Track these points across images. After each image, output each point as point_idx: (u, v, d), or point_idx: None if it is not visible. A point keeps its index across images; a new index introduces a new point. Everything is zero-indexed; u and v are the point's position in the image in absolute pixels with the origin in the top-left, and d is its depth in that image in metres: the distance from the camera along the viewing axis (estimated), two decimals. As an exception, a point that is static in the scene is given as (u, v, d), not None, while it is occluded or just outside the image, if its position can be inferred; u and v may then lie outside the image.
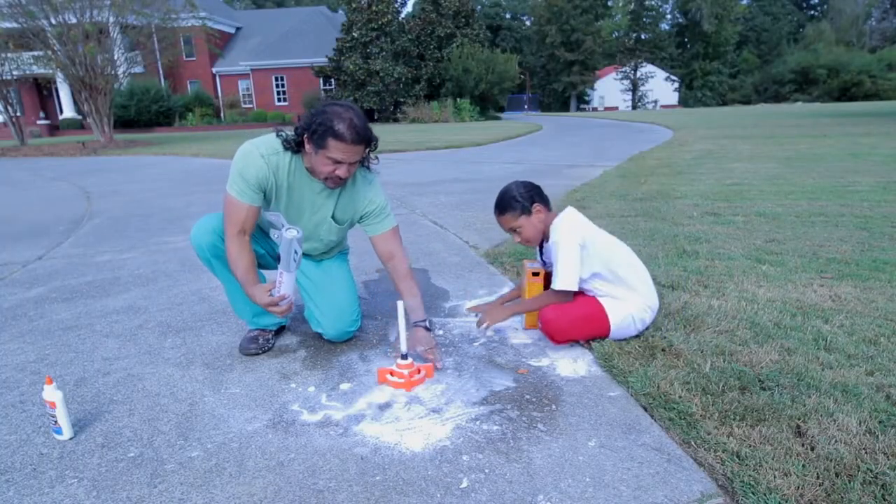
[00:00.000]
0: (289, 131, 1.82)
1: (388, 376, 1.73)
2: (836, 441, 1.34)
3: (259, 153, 1.79)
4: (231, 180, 1.81)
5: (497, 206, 1.98)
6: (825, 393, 1.55)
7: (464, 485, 1.27)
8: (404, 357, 1.72)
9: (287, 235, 1.70)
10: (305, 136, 1.74)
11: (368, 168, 1.94)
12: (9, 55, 14.93)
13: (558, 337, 1.91)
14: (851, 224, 3.53)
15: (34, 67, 15.70)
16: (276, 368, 1.90)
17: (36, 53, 15.09)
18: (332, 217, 1.96)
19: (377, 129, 2.03)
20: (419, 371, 1.75)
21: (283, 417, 1.58)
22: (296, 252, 1.73)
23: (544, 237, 2.01)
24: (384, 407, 1.62)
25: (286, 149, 1.81)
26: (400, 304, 1.75)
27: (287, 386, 1.77)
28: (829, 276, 2.55)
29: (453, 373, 1.82)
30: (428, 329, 1.92)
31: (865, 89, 45.25)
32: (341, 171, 1.76)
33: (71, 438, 1.49)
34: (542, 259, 2.11)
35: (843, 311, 2.13)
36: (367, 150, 1.81)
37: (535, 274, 2.06)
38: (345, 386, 1.75)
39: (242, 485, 1.29)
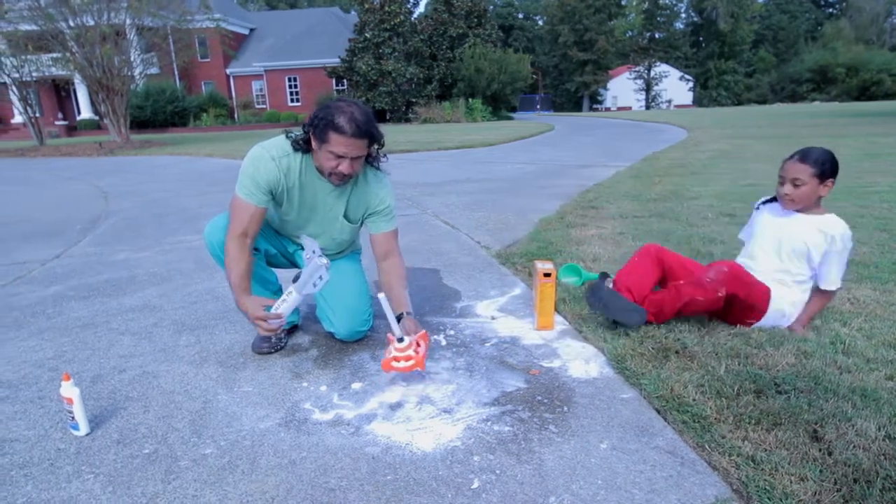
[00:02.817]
0: (298, 131, 1.84)
1: (394, 363, 1.68)
2: (854, 446, 1.31)
3: (270, 156, 1.81)
4: (240, 182, 1.83)
5: (805, 155, 1.89)
6: (843, 397, 1.52)
7: (475, 485, 1.27)
8: (400, 340, 1.68)
9: (318, 261, 1.73)
10: (311, 132, 1.76)
11: (378, 167, 1.95)
12: (29, 57, 15.23)
13: (729, 284, 1.91)
14: (871, 225, 3.47)
15: (53, 69, 15.99)
16: (289, 367, 1.91)
17: (54, 55, 15.37)
18: (345, 216, 1.97)
19: (389, 129, 2.03)
20: (419, 345, 1.71)
21: (295, 416, 1.59)
22: (320, 278, 1.76)
23: (806, 210, 1.97)
24: (395, 407, 1.63)
25: (296, 149, 1.82)
26: (381, 295, 1.67)
27: (299, 385, 1.78)
28: (847, 279, 2.51)
29: (464, 373, 1.82)
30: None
31: (885, 88, 44.42)
32: (344, 167, 1.76)
33: (87, 434, 1.52)
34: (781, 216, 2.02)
35: (862, 314, 2.09)
36: (372, 146, 1.82)
37: (547, 275, 2.06)
38: (356, 385, 1.76)
39: (255, 482, 1.31)
